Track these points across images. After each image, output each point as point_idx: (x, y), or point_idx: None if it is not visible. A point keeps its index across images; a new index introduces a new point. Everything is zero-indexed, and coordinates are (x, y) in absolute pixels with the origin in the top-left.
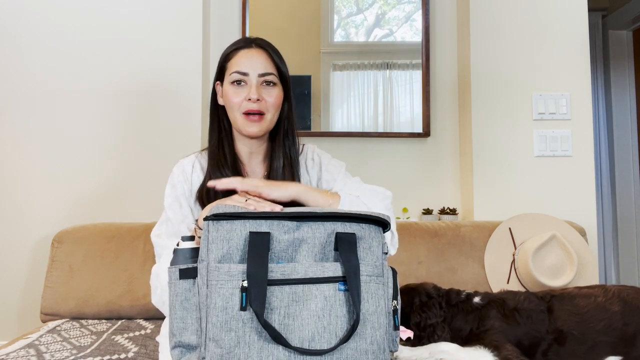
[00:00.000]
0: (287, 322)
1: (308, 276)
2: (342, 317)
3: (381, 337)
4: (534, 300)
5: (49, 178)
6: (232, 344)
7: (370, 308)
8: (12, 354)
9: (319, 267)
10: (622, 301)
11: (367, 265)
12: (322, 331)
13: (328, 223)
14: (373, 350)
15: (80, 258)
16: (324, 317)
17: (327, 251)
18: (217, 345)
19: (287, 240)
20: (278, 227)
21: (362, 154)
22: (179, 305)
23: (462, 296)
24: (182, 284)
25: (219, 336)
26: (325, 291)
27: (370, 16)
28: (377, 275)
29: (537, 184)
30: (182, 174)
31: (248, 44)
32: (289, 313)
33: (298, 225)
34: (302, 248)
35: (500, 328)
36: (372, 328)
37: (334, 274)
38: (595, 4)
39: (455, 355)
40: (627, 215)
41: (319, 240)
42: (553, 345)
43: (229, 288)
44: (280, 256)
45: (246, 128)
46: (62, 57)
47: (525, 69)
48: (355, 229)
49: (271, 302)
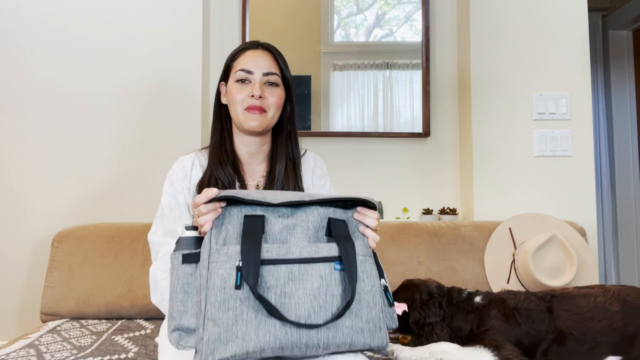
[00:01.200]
0: (284, 300)
1: (303, 256)
2: (338, 296)
3: (377, 315)
4: (534, 300)
5: (49, 178)
6: (230, 322)
7: (365, 287)
8: (12, 354)
9: (313, 248)
10: (622, 301)
11: (360, 246)
12: (318, 309)
13: (322, 208)
14: (369, 328)
15: (80, 258)
16: (319, 295)
17: (319, 235)
18: (215, 324)
19: (282, 223)
20: (273, 212)
21: (362, 154)
22: (180, 289)
23: (464, 295)
24: (185, 269)
25: (217, 315)
26: (321, 270)
27: (370, 16)
28: (369, 255)
29: (537, 184)
30: (182, 170)
31: (255, 46)
32: (285, 292)
33: (293, 211)
34: (296, 231)
35: (500, 328)
36: (367, 307)
37: (329, 254)
38: (595, 4)
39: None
40: (627, 215)
41: (312, 224)
42: (553, 345)
43: (227, 268)
44: (274, 239)
45: (247, 122)
46: (62, 58)
47: (525, 69)
48: (345, 216)
49: (267, 281)
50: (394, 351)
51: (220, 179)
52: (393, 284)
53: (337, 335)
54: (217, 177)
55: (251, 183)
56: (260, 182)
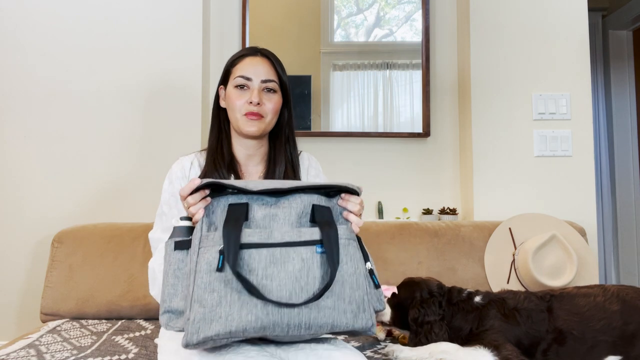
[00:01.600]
0: (265, 282)
1: (285, 240)
2: (320, 278)
3: (360, 297)
4: (534, 300)
5: (49, 178)
6: (214, 303)
7: (349, 270)
8: (12, 354)
9: (295, 232)
10: (621, 301)
11: (344, 230)
12: (300, 291)
13: (305, 196)
14: (352, 309)
15: (80, 258)
16: (301, 278)
17: (303, 221)
18: (201, 305)
19: (265, 211)
20: (257, 200)
21: (362, 154)
22: (171, 273)
23: (464, 295)
24: (177, 255)
25: (203, 297)
26: (302, 253)
27: (370, 16)
28: (353, 239)
29: (537, 184)
30: (181, 170)
31: (254, 52)
32: (267, 274)
33: (277, 199)
34: (279, 217)
35: (500, 328)
36: (350, 288)
37: (312, 237)
38: (595, 4)
39: (455, 355)
40: (627, 215)
41: (295, 211)
42: (553, 345)
43: (212, 252)
44: (257, 224)
45: (246, 127)
46: (62, 58)
47: (525, 69)
48: (332, 204)
49: (249, 264)
50: (394, 351)
51: None
52: (393, 284)
53: (319, 315)
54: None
55: None
56: None
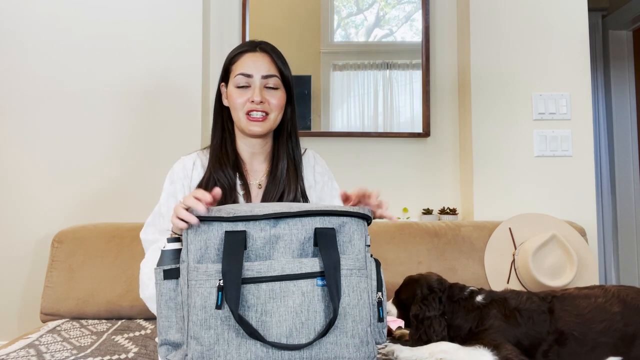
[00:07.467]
0: (264, 319)
1: (285, 273)
2: (321, 312)
3: (364, 330)
4: (536, 301)
5: (49, 178)
6: (211, 341)
7: (351, 302)
8: (12, 354)
9: (296, 264)
10: (622, 302)
11: (348, 259)
12: (300, 327)
13: (306, 219)
14: (355, 343)
15: (80, 258)
16: (301, 312)
17: (306, 247)
18: (198, 342)
19: (264, 237)
20: (254, 226)
21: (362, 154)
22: (164, 304)
23: (465, 293)
24: (167, 284)
25: (199, 334)
26: (303, 287)
27: (370, 16)
28: (358, 269)
29: (537, 184)
30: (183, 169)
31: (253, 47)
32: (266, 310)
33: (275, 223)
34: (279, 245)
35: (500, 327)
36: (353, 321)
37: (312, 269)
38: (595, 4)
39: (455, 355)
40: (627, 215)
41: (296, 237)
42: (554, 346)
43: (207, 287)
44: (257, 254)
45: (249, 127)
46: (62, 58)
47: (525, 69)
48: (334, 222)
49: (248, 300)
50: (394, 351)
51: (220, 181)
52: (393, 284)
53: (321, 352)
54: (216, 179)
55: (253, 182)
56: (262, 180)
